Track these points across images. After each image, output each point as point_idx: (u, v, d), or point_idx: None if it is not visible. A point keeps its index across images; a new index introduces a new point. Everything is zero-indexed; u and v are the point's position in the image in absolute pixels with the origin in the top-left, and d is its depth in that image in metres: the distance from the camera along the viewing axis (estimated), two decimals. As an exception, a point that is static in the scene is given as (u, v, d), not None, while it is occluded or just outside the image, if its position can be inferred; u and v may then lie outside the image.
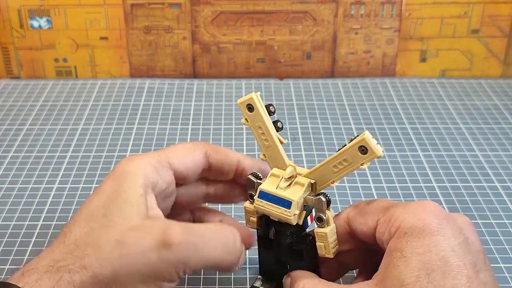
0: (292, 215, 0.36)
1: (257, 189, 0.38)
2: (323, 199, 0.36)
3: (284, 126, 0.40)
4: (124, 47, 0.79)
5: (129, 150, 0.63)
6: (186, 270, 0.35)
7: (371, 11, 0.77)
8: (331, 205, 0.37)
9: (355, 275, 0.43)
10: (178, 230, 0.34)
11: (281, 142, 0.39)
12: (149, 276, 0.33)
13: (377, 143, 0.35)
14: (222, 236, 0.37)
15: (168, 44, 0.79)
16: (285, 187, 0.37)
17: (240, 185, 0.43)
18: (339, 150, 0.36)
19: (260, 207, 0.38)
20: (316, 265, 0.39)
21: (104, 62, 0.80)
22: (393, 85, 0.78)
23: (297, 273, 0.38)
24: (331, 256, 0.37)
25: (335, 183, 0.37)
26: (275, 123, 0.39)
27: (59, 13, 0.77)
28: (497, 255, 0.48)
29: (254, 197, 0.38)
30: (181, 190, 0.42)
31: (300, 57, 0.80)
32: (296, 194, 0.37)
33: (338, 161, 0.36)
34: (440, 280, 0.31)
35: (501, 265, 0.47)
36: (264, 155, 0.39)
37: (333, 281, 0.37)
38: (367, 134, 0.34)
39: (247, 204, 0.40)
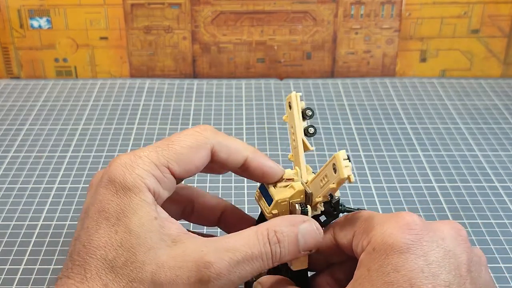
0: (269, 213, 0.36)
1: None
2: (298, 207, 0.36)
3: (317, 133, 0.39)
4: (124, 47, 0.79)
5: (129, 150, 0.63)
6: None
7: (371, 11, 0.77)
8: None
9: None
10: (214, 260, 0.32)
11: (306, 148, 0.38)
12: None
13: (349, 167, 0.33)
14: (259, 248, 0.34)
15: (168, 44, 0.79)
16: (280, 187, 0.37)
17: (246, 173, 0.40)
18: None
19: (256, 198, 0.39)
20: (304, 274, 0.38)
21: (104, 62, 0.80)
22: (393, 85, 0.78)
23: (268, 279, 0.37)
24: (305, 267, 0.37)
25: (320, 201, 0.36)
26: (307, 127, 0.38)
27: (59, 13, 0.77)
28: (497, 255, 0.48)
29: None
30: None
31: (300, 57, 0.80)
32: (282, 195, 0.36)
33: (322, 176, 0.35)
34: None
35: (501, 265, 0.47)
36: (291, 155, 0.39)
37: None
38: (341, 154, 0.33)
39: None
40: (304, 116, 0.38)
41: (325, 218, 0.37)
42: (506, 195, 0.55)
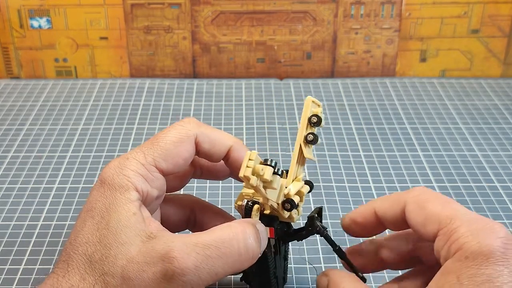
0: (236, 204, 0.38)
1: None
2: (244, 203, 0.37)
3: (319, 140, 0.39)
4: (124, 47, 0.79)
5: (129, 150, 0.62)
6: None
7: (371, 11, 0.77)
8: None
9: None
10: (179, 255, 0.32)
11: (301, 155, 0.38)
12: None
13: (251, 168, 0.33)
14: (232, 243, 0.33)
15: (168, 44, 0.79)
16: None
17: (228, 164, 0.40)
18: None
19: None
20: (266, 269, 0.38)
21: (104, 62, 0.80)
22: (393, 85, 0.78)
23: (336, 273, 0.36)
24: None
25: (274, 207, 0.36)
26: (307, 134, 0.38)
27: (59, 13, 0.77)
28: (497, 255, 0.47)
29: None
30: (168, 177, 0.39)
31: (300, 57, 0.80)
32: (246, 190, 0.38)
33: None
34: None
35: (501, 265, 0.47)
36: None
37: (369, 273, 0.36)
38: (249, 153, 0.33)
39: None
40: (310, 122, 0.37)
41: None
42: (506, 195, 0.55)
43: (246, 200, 0.37)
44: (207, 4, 0.77)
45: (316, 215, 0.38)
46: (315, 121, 0.37)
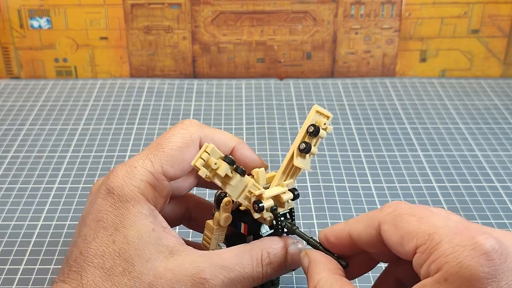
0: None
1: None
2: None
3: (316, 149, 0.38)
4: (124, 47, 0.79)
5: (129, 150, 0.63)
6: None
7: (371, 11, 0.77)
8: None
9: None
10: (210, 277, 0.33)
11: (291, 161, 0.37)
12: None
13: (200, 160, 0.34)
14: (252, 270, 0.35)
15: (168, 44, 0.79)
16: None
17: None
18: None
19: None
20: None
21: (104, 62, 0.80)
22: (393, 85, 0.78)
23: (317, 256, 0.35)
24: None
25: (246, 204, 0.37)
26: (301, 143, 0.37)
27: (59, 13, 0.77)
28: (497, 255, 0.47)
29: None
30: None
31: (300, 57, 0.80)
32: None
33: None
34: None
35: (501, 265, 0.46)
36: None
37: (361, 275, 0.35)
38: (206, 145, 0.34)
39: None
40: (308, 132, 0.37)
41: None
42: (506, 195, 0.55)
43: (219, 191, 0.37)
44: (207, 4, 0.77)
45: (282, 214, 0.37)
46: (311, 131, 0.37)
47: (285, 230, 0.37)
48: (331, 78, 0.81)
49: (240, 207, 0.37)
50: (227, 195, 0.36)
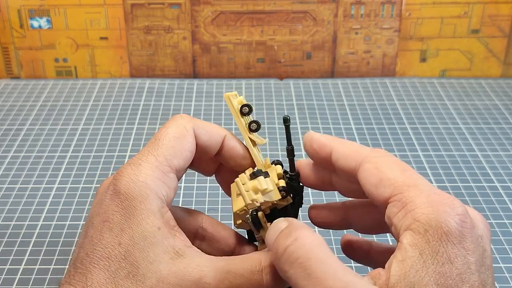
0: (236, 224, 0.38)
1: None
2: (248, 216, 0.37)
3: (262, 125, 0.39)
4: (124, 47, 0.79)
5: (129, 150, 0.63)
6: None
7: (371, 11, 0.77)
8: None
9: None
10: (213, 282, 0.32)
11: (255, 144, 0.38)
12: None
13: None
14: (261, 276, 0.34)
15: (168, 44, 0.79)
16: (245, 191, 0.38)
17: (222, 154, 0.40)
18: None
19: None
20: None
21: (104, 62, 0.80)
22: (393, 85, 0.78)
23: (297, 223, 0.34)
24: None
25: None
26: (249, 124, 0.38)
27: (59, 13, 0.77)
28: (497, 255, 0.48)
29: None
30: None
31: (300, 57, 0.80)
32: (237, 206, 0.38)
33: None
34: None
35: (501, 265, 0.47)
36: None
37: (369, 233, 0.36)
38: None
39: None
40: (242, 114, 0.38)
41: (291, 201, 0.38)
42: (506, 195, 0.55)
43: (248, 214, 0.36)
44: (207, 4, 0.77)
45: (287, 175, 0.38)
46: (247, 111, 0.38)
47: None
48: (331, 78, 0.81)
49: (266, 213, 0.37)
50: (259, 206, 0.36)
